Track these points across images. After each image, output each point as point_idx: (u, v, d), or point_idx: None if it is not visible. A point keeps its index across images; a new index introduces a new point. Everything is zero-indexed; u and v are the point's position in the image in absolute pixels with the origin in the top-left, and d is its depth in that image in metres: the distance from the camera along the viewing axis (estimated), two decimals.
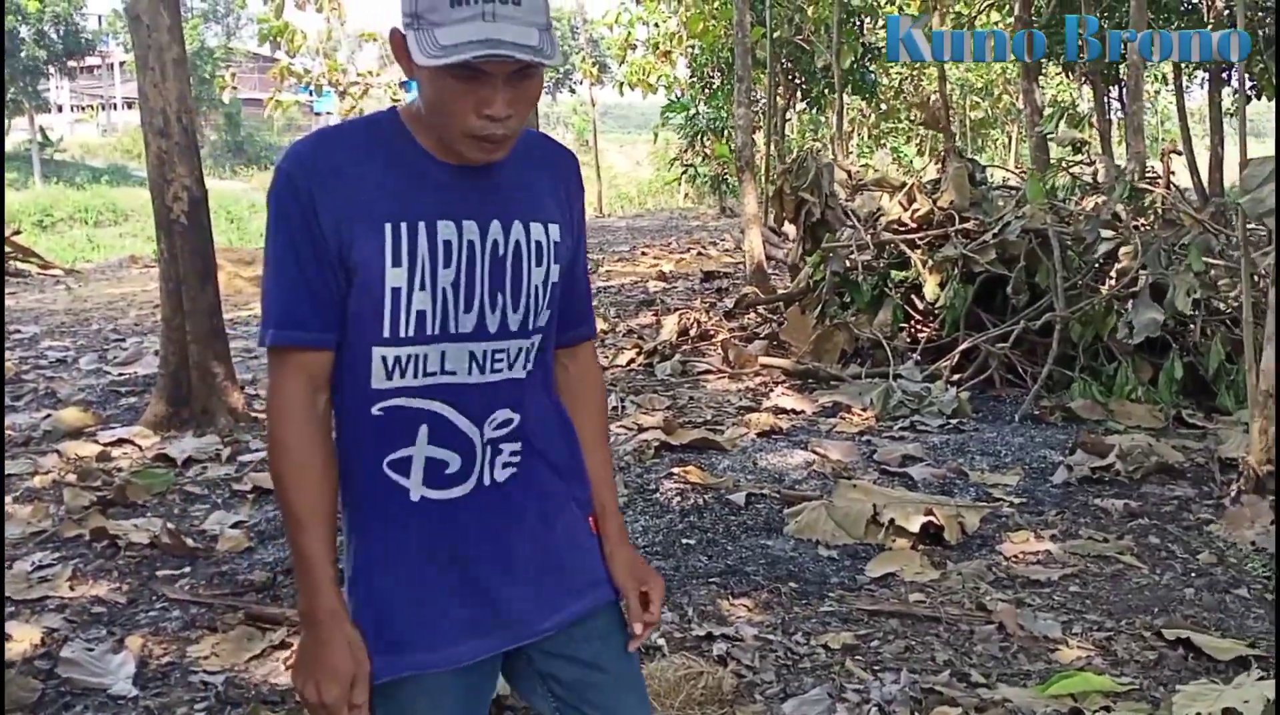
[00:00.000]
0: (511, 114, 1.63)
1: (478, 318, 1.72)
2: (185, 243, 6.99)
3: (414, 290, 1.68)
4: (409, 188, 1.70)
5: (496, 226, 1.73)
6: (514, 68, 1.59)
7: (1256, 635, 4.01)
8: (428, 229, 1.69)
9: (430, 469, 1.75)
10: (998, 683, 3.66)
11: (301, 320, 1.71)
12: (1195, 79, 27.13)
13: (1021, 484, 5.82)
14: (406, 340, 1.69)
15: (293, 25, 20.24)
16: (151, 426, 6.96)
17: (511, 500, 1.82)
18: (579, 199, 1.91)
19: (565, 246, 1.82)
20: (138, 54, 6.98)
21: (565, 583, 1.88)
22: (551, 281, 1.79)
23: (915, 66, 28.07)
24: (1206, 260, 7.64)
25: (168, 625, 4.23)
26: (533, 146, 1.85)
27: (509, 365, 1.77)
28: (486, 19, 1.53)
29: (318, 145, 1.72)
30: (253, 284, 15.59)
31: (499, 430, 1.78)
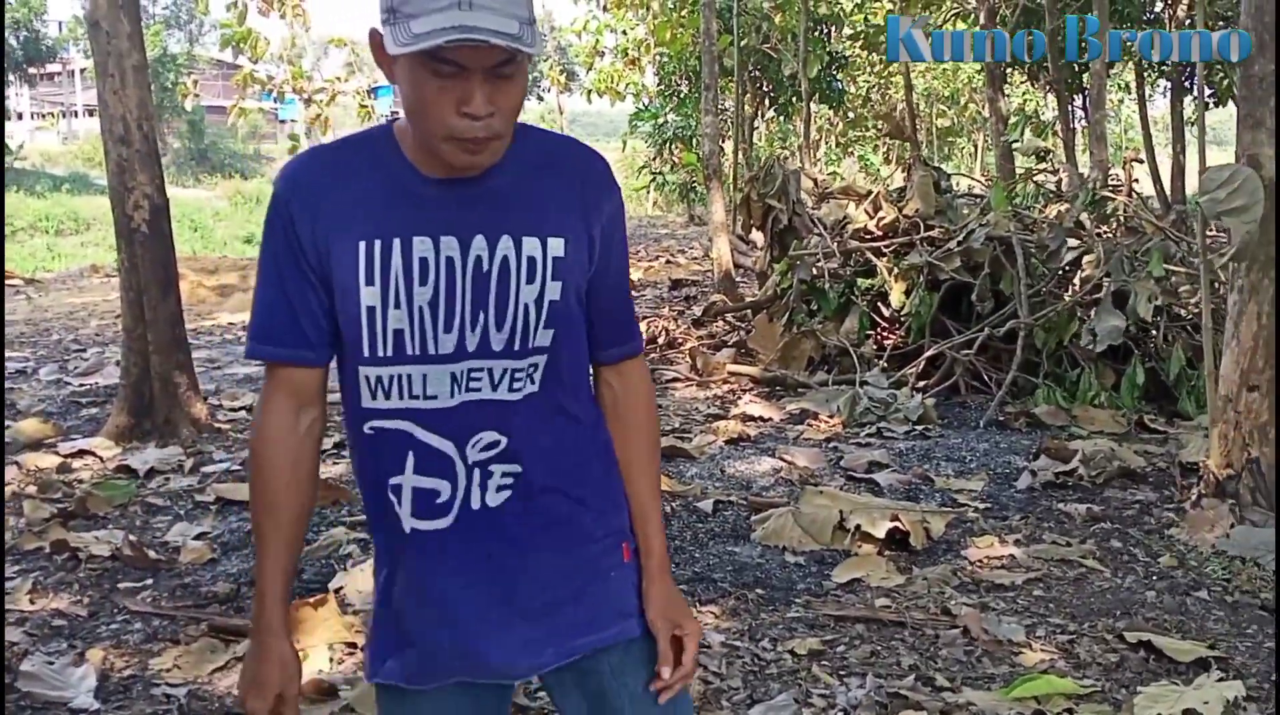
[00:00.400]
0: (493, 112, 1.55)
1: (458, 337, 1.65)
2: (146, 252, 6.91)
3: (389, 309, 1.63)
4: (388, 203, 1.65)
5: (480, 241, 1.65)
6: (493, 62, 1.52)
7: (1216, 637, 4.06)
8: (402, 246, 1.63)
9: (419, 499, 1.71)
10: (962, 686, 3.68)
11: (277, 335, 1.71)
12: (1158, 88, 27.44)
13: (986, 489, 5.85)
14: (385, 360, 1.66)
15: (256, 32, 20.08)
16: (113, 438, 6.88)
17: (507, 526, 1.73)
18: (606, 206, 1.75)
19: (574, 261, 1.69)
20: (97, 61, 6.90)
21: (580, 613, 1.77)
22: (550, 299, 1.67)
23: (882, 75, 28.24)
24: (1167, 267, 7.72)
25: (129, 638, 4.18)
26: (549, 151, 1.75)
27: (491, 386, 1.68)
28: (463, 8, 1.48)
29: (307, 162, 1.72)
30: (216, 293, 15.50)
31: (485, 452, 1.69)
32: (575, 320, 1.73)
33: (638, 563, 1.84)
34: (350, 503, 5.64)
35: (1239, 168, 4.95)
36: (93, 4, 6.83)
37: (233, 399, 8.26)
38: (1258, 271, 5.00)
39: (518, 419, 1.70)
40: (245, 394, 8.45)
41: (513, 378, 1.69)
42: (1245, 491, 5.06)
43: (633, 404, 1.86)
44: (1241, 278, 5.07)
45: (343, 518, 5.41)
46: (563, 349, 1.72)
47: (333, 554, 4.94)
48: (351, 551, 4.95)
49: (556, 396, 1.74)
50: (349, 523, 5.31)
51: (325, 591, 4.35)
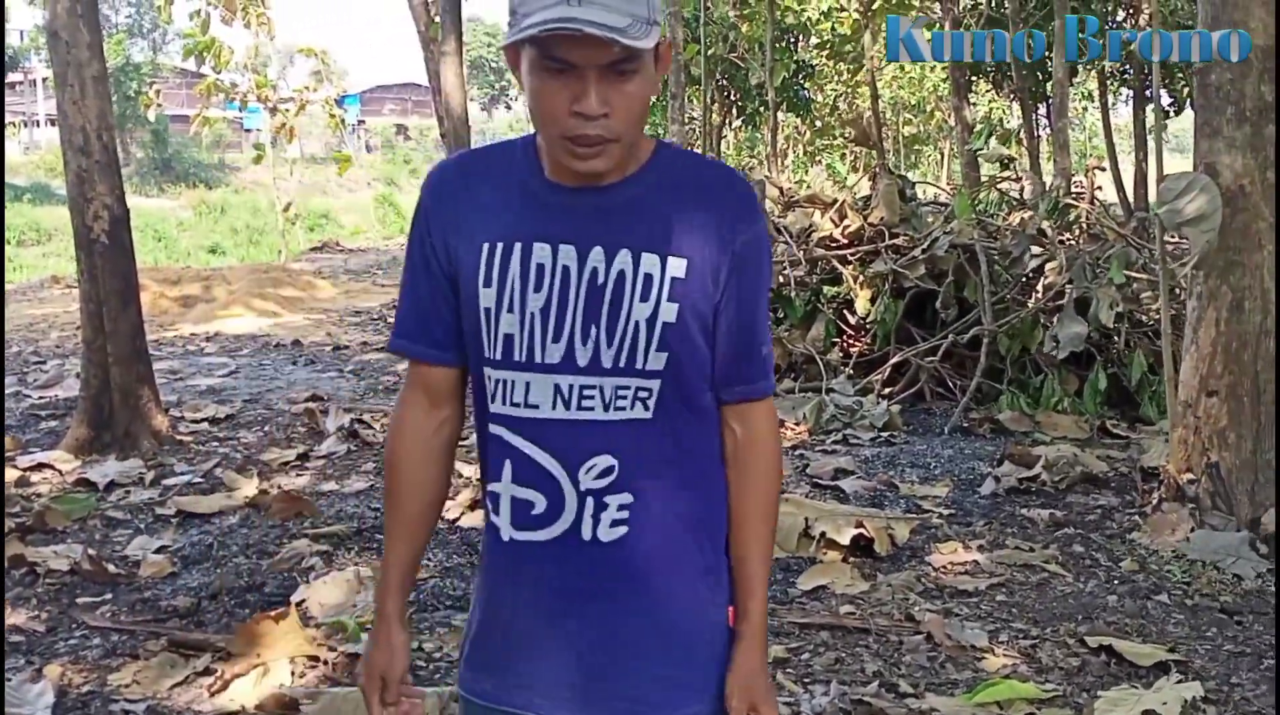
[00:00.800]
0: (608, 113, 1.51)
1: (566, 348, 1.61)
2: (106, 263, 6.85)
3: (502, 312, 1.62)
4: (514, 208, 1.65)
5: (598, 253, 1.60)
6: (606, 59, 1.49)
7: (1176, 640, 4.09)
8: (522, 250, 1.62)
9: (517, 509, 1.68)
10: (926, 692, 3.69)
11: (410, 332, 1.75)
12: (1120, 95, 27.67)
13: (950, 495, 5.88)
14: (496, 363, 1.65)
15: (220, 41, 20.01)
16: (72, 451, 6.81)
17: (618, 565, 1.66)
18: (742, 235, 1.64)
19: (696, 286, 1.61)
20: (57, 71, 6.84)
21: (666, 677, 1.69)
22: (664, 320, 1.59)
23: (849, 84, 28.36)
24: (1129, 273, 7.77)
25: (88, 653, 4.14)
26: (688, 171, 1.69)
27: (603, 405, 1.62)
28: (570, 4, 1.46)
29: (448, 166, 1.75)
30: (178, 304, 15.37)
31: (599, 480, 1.64)
32: (695, 349, 1.65)
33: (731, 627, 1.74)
34: (314, 516, 5.60)
35: (1197, 176, 5.00)
36: (52, 14, 6.78)
37: (195, 411, 8.19)
38: (1215, 278, 5.04)
39: (631, 445, 1.64)
40: (208, 405, 8.39)
41: (620, 397, 1.63)
42: (1205, 496, 5.09)
43: (752, 452, 1.73)
44: (1200, 284, 5.11)
45: (305, 530, 5.38)
46: (681, 378, 1.65)
47: (295, 566, 4.90)
48: (314, 564, 4.92)
49: (676, 429, 1.67)
50: (311, 535, 5.27)
51: (287, 604, 4.31)
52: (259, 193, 41.14)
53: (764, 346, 1.72)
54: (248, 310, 14.74)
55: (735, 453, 1.73)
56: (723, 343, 1.67)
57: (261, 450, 7.18)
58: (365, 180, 47.77)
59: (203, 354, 11.59)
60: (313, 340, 12.48)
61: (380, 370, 10.45)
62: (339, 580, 4.63)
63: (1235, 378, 5.05)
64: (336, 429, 7.46)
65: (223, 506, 5.84)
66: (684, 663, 1.70)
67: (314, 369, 10.65)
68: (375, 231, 36.98)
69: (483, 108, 77.00)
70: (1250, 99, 4.92)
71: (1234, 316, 5.03)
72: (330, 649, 4.02)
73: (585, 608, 1.68)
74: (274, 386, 9.55)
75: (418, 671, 3.89)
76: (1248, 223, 4.96)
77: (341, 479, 6.47)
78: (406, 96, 68.46)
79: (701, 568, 1.71)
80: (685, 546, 1.70)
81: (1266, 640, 4.10)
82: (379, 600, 1.81)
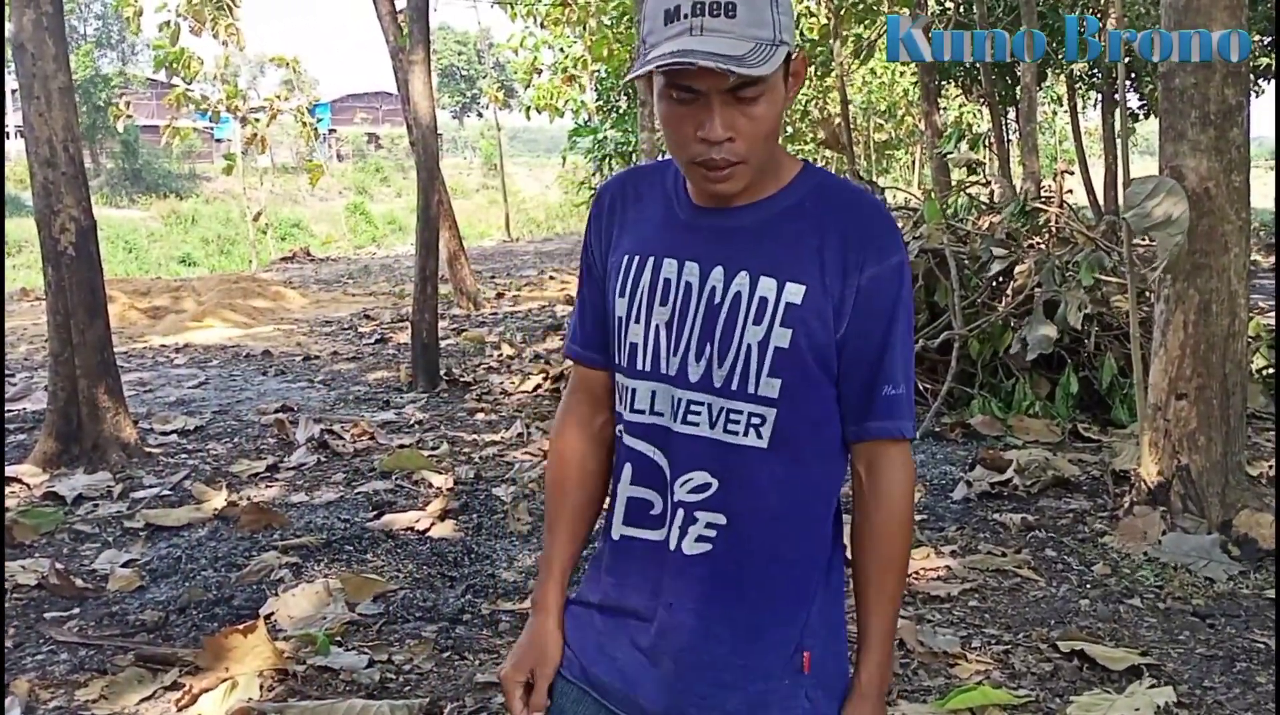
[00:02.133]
0: (732, 137, 1.53)
1: (680, 363, 1.63)
2: (73, 274, 6.82)
3: (630, 322, 1.67)
4: (656, 224, 1.70)
5: (719, 272, 1.61)
6: (728, 85, 1.49)
7: (1149, 644, 4.10)
8: (654, 265, 1.66)
9: (631, 508, 1.71)
10: (898, 700, 3.68)
11: (575, 334, 1.84)
12: (1089, 99, 27.86)
13: (923, 500, 5.87)
14: (624, 369, 1.70)
15: (189, 52, 19.91)
16: (40, 464, 6.77)
17: (694, 583, 1.66)
18: (872, 268, 1.60)
19: (813, 314, 1.59)
20: (22, 83, 6.80)
21: (736, 709, 1.66)
22: (776, 345, 1.58)
23: (819, 89, 28.41)
24: (1099, 276, 7.80)
25: (55, 668, 4.09)
26: (825, 198, 1.65)
27: (710, 423, 1.62)
28: (693, 33, 1.48)
29: (614, 180, 1.80)
30: (147, 316, 15.29)
31: (693, 494, 1.64)
32: (812, 378, 1.62)
33: (829, 676, 1.70)
34: (283, 527, 5.56)
35: (1162, 179, 5.02)
36: (17, 25, 6.73)
37: (164, 423, 8.13)
38: (1183, 281, 5.06)
39: (734, 468, 1.63)
40: (177, 417, 8.34)
41: (731, 420, 1.62)
42: (1176, 499, 5.11)
43: (875, 498, 1.68)
44: (1167, 287, 5.13)
45: (274, 542, 5.33)
46: (798, 407, 1.62)
47: (264, 579, 4.86)
48: (283, 577, 4.88)
49: (788, 461, 1.64)
50: (281, 547, 5.23)
51: (256, 617, 4.27)
52: (230, 203, 41.02)
53: (892, 386, 1.65)
54: (218, 321, 14.68)
55: (859, 498, 1.70)
56: (846, 377, 1.64)
57: (231, 462, 7.13)
58: (337, 189, 47.67)
59: (172, 365, 11.53)
60: (283, 351, 12.42)
61: (350, 381, 10.41)
62: (308, 592, 4.59)
63: (1204, 380, 5.07)
64: (306, 440, 7.42)
65: (191, 519, 5.81)
66: (735, 689, 1.66)
67: (284, 380, 10.60)
68: (347, 241, 36.88)
69: (454, 115, 76.92)
70: (1214, 102, 4.94)
71: (1202, 319, 5.04)
72: (299, 662, 3.99)
73: (663, 615, 1.69)
74: (244, 397, 9.49)
75: (387, 685, 3.86)
76: (1213, 226, 4.98)
77: (311, 490, 6.44)
78: (377, 105, 68.32)
79: (780, 601, 1.68)
80: (769, 578, 1.67)
81: (1239, 643, 4.11)
82: (539, 593, 1.83)
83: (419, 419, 8.39)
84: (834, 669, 1.70)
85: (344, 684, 3.86)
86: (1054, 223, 8.93)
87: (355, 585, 4.70)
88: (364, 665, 3.96)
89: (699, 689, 1.66)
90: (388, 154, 58.68)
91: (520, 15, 21.34)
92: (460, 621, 4.41)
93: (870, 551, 1.68)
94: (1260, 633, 4.18)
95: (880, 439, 1.66)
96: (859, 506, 1.70)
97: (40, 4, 6.73)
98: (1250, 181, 5.20)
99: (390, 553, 5.25)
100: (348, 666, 3.95)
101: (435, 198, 10.25)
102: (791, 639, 1.66)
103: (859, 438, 1.67)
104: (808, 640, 1.67)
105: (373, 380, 10.41)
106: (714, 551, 1.65)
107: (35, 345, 12.56)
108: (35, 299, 17.42)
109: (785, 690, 1.66)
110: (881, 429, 1.65)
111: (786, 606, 1.67)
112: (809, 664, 1.66)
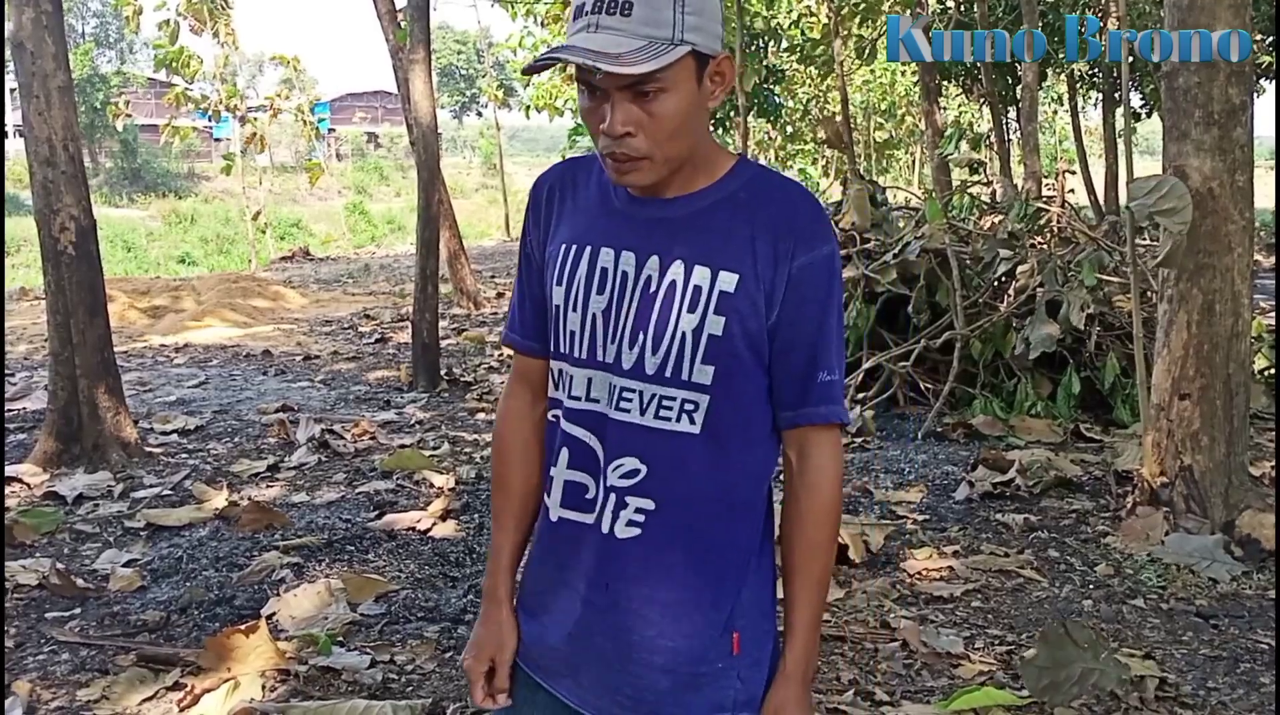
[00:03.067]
0: (631, 132, 1.56)
1: (616, 350, 1.67)
2: (73, 274, 6.81)
3: (568, 310, 1.70)
4: (592, 213, 1.73)
5: (654, 262, 1.65)
6: (624, 82, 1.54)
7: (1152, 644, 4.09)
8: (590, 254, 1.69)
9: (568, 491, 1.74)
10: (901, 700, 3.67)
11: (513, 323, 1.87)
12: (1089, 99, 27.82)
13: (925, 501, 5.88)
14: (562, 356, 1.73)
15: (189, 51, 19.92)
16: (40, 463, 6.77)
17: (629, 563, 1.70)
18: (803, 257, 1.64)
19: (745, 302, 1.62)
20: (22, 82, 6.79)
21: (666, 690, 1.70)
22: (710, 333, 1.62)
23: (820, 89, 28.42)
24: (1101, 276, 7.79)
25: (57, 669, 4.08)
26: (758, 191, 1.68)
27: (641, 410, 1.66)
28: (590, 30, 1.53)
29: (552, 171, 1.83)
30: (147, 315, 15.28)
31: (624, 479, 1.68)
32: (744, 366, 1.66)
33: (757, 656, 1.74)
34: (284, 527, 5.55)
35: (1166, 178, 5.01)
36: (17, 24, 6.73)
37: (164, 422, 8.13)
38: (1186, 281, 5.06)
39: (664, 454, 1.66)
40: (177, 417, 8.32)
41: (664, 406, 1.66)
42: (1179, 499, 5.10)
43: (804, 483, 1.71)
44: (1170, 287, 5.13)
45: (275, 542, 5.32)
46: (730, 394, 1.66)
47: (265, 579, 4.85)
48: (285, 577, 4.87)
49: (720, 446, 1.67)
50: (282, 547, 5.22)
51: (257, 617, 4.26)
52: (229, 202, 41.02)
53: (827, 372, 1.69)
54: (217, 320, 14.67)
55: (790, 483, 1.73)
56: (778, 364, 1.68)
57: (231, 461, 7.12)
58: (336, 188, 47.68)
59: (172, 365, 11.51)
60: (283, 350, 12.41)
61: (351, 380, 10.40)
62: (310, 592, 4.59)
63: (1207, 381, 5.06)
64: (307, 440, 7.41)
65: (192, 519, 5.80)
66: (666, 671, 1.70)
67: (284, 379, 10.59)
68: (346, 240, 36.88)
69: (454, 115, 76.93)
70: (1218, 102, 4.93)
71: (1205, 319, 5.04)
72: (301, 662, 3.98)
73: (598, 596, 1.72)
74: (244, 397, 9.48)
75: (389, 685, 3.85)
76: (1217, 225, 4.97)
77: (312, 490, 6.43)
78: (377, 104, 68.35)
79: (708, 585, 1.71)
80: (698, 562, 1.70)
81: (1242, 644, 4.10)
82: (489, 584, 1.86)
83: (420, 419, 8.38)
84: (763, 651, 1.75)
85: (346, 684, 3.86)
86: (1056, 222, 8.93)
87: (357, 585, 4.69)
88: (366, 665, 3.96)
89: (632, 670, 1.70)
90: (387, 153, 58.70)
91: (520, 14, 21.33)
92: (462, 621, 4.40)
93: (799, 536, 1.72)
94: (1264, 633, 4.18)
95: (815, 424, 1.70)
96: (789, 492, 1.73)
97: (40, 3, 6.72)
98: (1253, 181, 5.18)
99: (392, 553, 5.24)
100: (350, 667, 3.94)
101: (435, 197, 10.23)
102: (722, 621, 1.70)
103: (793, 424, 1.71)
104: (738, 622, 1.71)
105: (373, 380, 10.40)
106: (644, 536, 1.68)
107: (35, 344, 12.54)
108: (35, 298, 17.40)
109: (717, 672, 1.70)
110: (817, 414, 1.70)
111: (717, 589, 1.70)
112: (739, 645, 1.71)
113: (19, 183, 40.54)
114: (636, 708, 1.72)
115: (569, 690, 1.77)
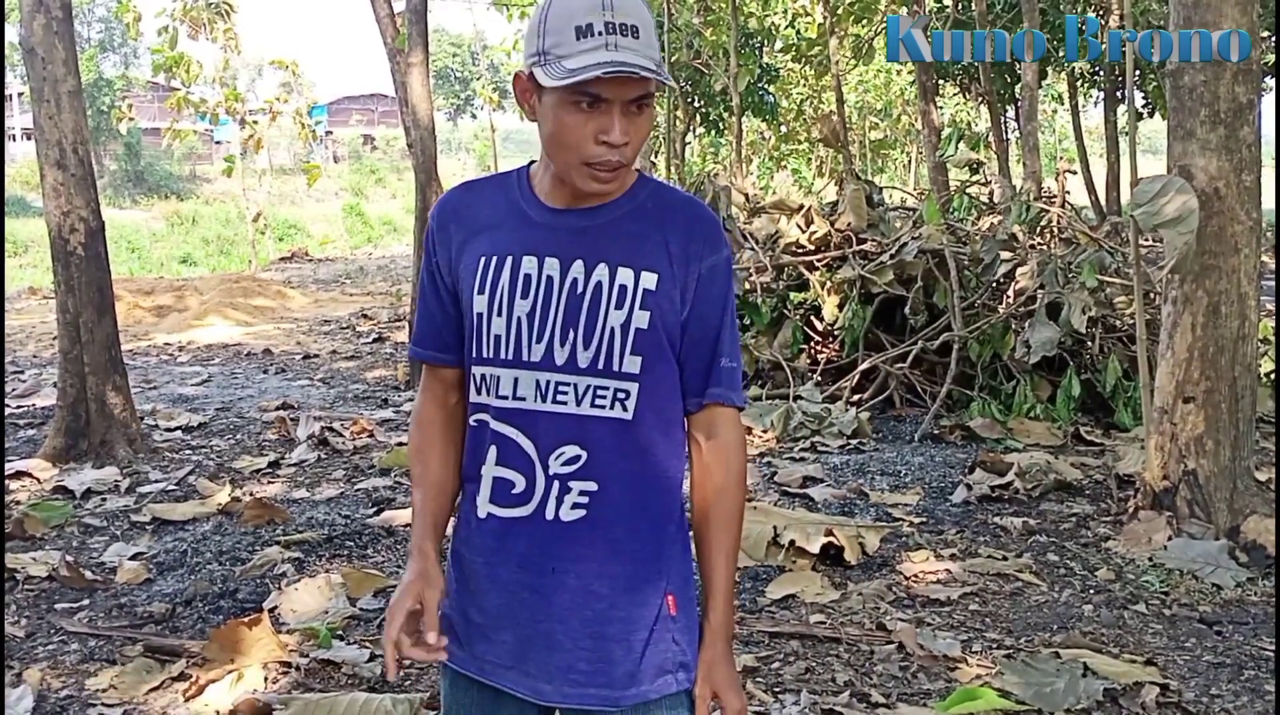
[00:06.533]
0: (628, 142, 1.71)
1: (546, 348, 1.79)
2: (82, 274, 6.93)
3: (492, 316, 1.80)
4: (508, 228, 1.84)
5: (579, 266, 1.79)
6: (633, 95, 1.68)
7: (1154, 650, 4.07)
8: (512, 263, 1.81)
9: (497, 488, 1.84)
10: (897, 703, 3.67)
11: (422, 339, 1.96)
12: (1091, 98, 27.77)
13: (921, 503, 5.87)
14: (487, 361, 1.82)
15: (188, 56, 19.98)
16: (50, 459, 6.86)
17: (575, 544, 1.82)
18: (708, 259, 1.83)
19: (665, 298, 1.79)
20: (33, 86, 6.92)
21: (628, 662, 1.83)
22: (636, 326, 1.78)
23: (815, 88, 28.39)
24: (1102, 278, 7.76)
25: (66, 658, 4.13)
26: (664, 202, 1.87)
27: (576, 400, 1.79)
28: (609, 48, 1.64)
29: (452, 194, 1.94)
30: (152, 314, 15.34)
31: (566, 466, 1.80)
32: (665, 355, 1.83)
33: (687, 619, 1.88)
34: (285, 522, 5.59)
35: (1171, 179, 4.97)
36: (28, 30, 6.85)
37: (169, 419, 8.19)
38: (1191, 282, 5.01)
39: (601, 438, 1.80)
40: (181, 414, 8.38)
41: (598, 396, 1.80)
42: (1182, 504, 5.06)
43: (715, 459, 1.89)
44: (1175, 289, 5.08)
45: (277, 537, 5.36)
46: (656, 381, 1.82)
47: (268, 573, 4.89)
48: (286, 571, 4.91)
49: (648, 428, 1.83)
50: (283, 542, 5.26)
51: (260, 610, 4.30)
52: (229, 204, 41.04)
53: (729, 359, 1.88)
54: (219, 319, 14.71)
55: (699, 460, 1.89)
56: (687, 354, 1.86)
57: (234, 458, 7.17)
58: (333, 190, 47.71)
59: (176, 363, 11.57)
60: (283, 349, 12.45)
61: (350, 379, 10.43)
62: (311, 587, 4.63)
63: (1212, 384, 5.01)
64: (307, 437, 7.46)
65: (196, 514, 5.86)
66: (619, 641, 1.83)
67: (285, 377, 10.64)
68: (344, 241, 36.90)
69: (449, 118, 76.74)
70: (1224, 101, 4.89)
71: (1210, 321, 4.99)
72: (302, 655, 4.02)
73: (542, 581, 1.83)
74: (245, 395, 9.53)
75: (388, 679, 3.88)
76: (1223, 226, 4.93)
77: (312, 486, 6.47)
78: (373, 107, 68.26)
79: (648, 556, 1.85)
80: (638, 535, 1.84)
81: (1247, 650, 4.07)
82: (416, 542, 1.91)
83: None
84: (691, 615, 1.90)
85: (346, 677, 3.89)
86: (1056, 223, 8.91)
87: (356, 580, 4.73)
88: (365, 659, 3.98)
89: (584, 644, 1.82)
90: (383, 155, 58.63)
91: (515, 17, 21.32)
92: None
93: (715, 507, 1.88)
94: (1268, 640, 4.14)
95: (721, 404, 1.87)
96: (701, 468, 1.89)
97: (50, 9, 6.83)
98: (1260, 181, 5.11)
99: (390, 549, 5.28)
100: (350, 660, 3.97)
101: (433, 198, 10.25)
102: (661, 589, 1.86)
103: (700, 406, 1.88)
104: (670, 586, 1.87)
105: (371, 378, 10.44)
106: (589, 516, 1.81)
107: (44, 342, 12.64)
108: (43, 298, 17.45)
109: (657, 635, 1.84)
110: (723, 395, 1.87)
111: (655, 560, 1.86)
112: (674, 606, 1.86)
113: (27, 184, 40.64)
114: (590, 681, 1.82)
115: (515, 682, 1.85)
